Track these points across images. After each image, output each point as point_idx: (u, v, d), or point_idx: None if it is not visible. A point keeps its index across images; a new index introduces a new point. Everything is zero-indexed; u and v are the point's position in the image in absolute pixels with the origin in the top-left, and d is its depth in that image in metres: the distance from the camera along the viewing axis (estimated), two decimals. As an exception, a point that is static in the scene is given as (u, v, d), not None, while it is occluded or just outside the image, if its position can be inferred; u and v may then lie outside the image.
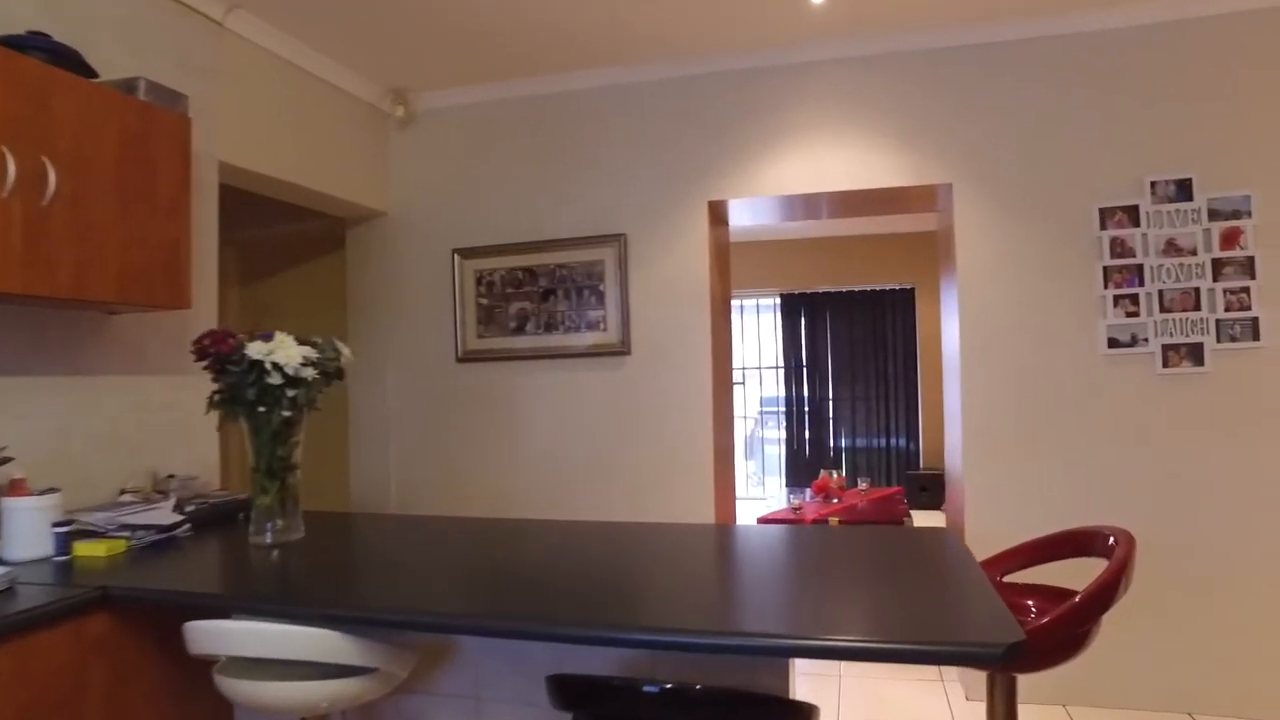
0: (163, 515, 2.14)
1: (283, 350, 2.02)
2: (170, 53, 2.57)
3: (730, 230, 4.14)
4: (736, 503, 4.14)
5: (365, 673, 1.57)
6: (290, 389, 2.06)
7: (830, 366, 8.37)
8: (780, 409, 8.61)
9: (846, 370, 8.31)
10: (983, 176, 3.17)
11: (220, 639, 1.48)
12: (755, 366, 8.82)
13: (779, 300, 8.43)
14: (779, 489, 8.46)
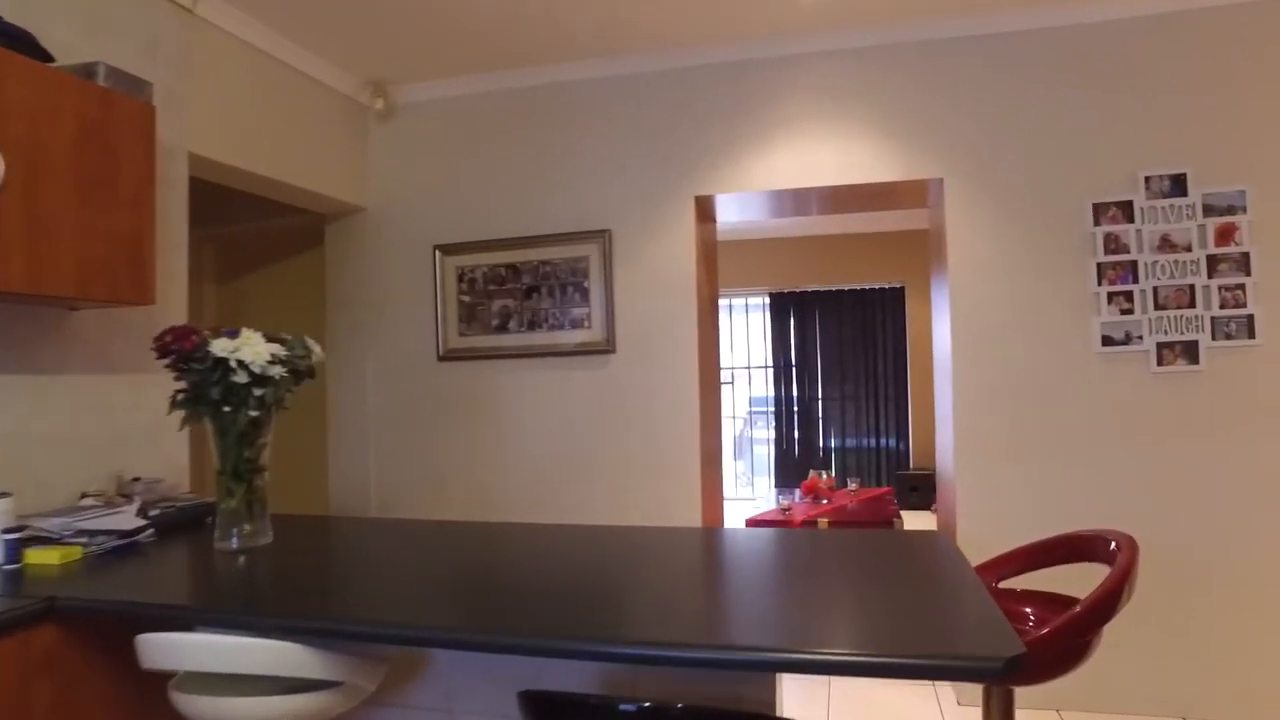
0: (124, 520, 2.05)
1: (249, 347, 1.94)
2: (136, 39, 2.47)
3: (719, 228, 4.07)
4: (724, 504, 4.08)
5: (330, 686, 1.48)
6: (257, 388, 1.97)
7: (820, 366, 8.32)
8: (769, 409, 8.55)
9: (836, 370, 8.26)
10: (974, 171, 3.11)
11: (174, 653, 1.40)
12: (744, 366, 8.76)
13: (768, 299, 8.37)
14: (768, 489, 8.41)
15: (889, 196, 3.46)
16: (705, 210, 3.54)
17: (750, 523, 5.01)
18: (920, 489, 7.42)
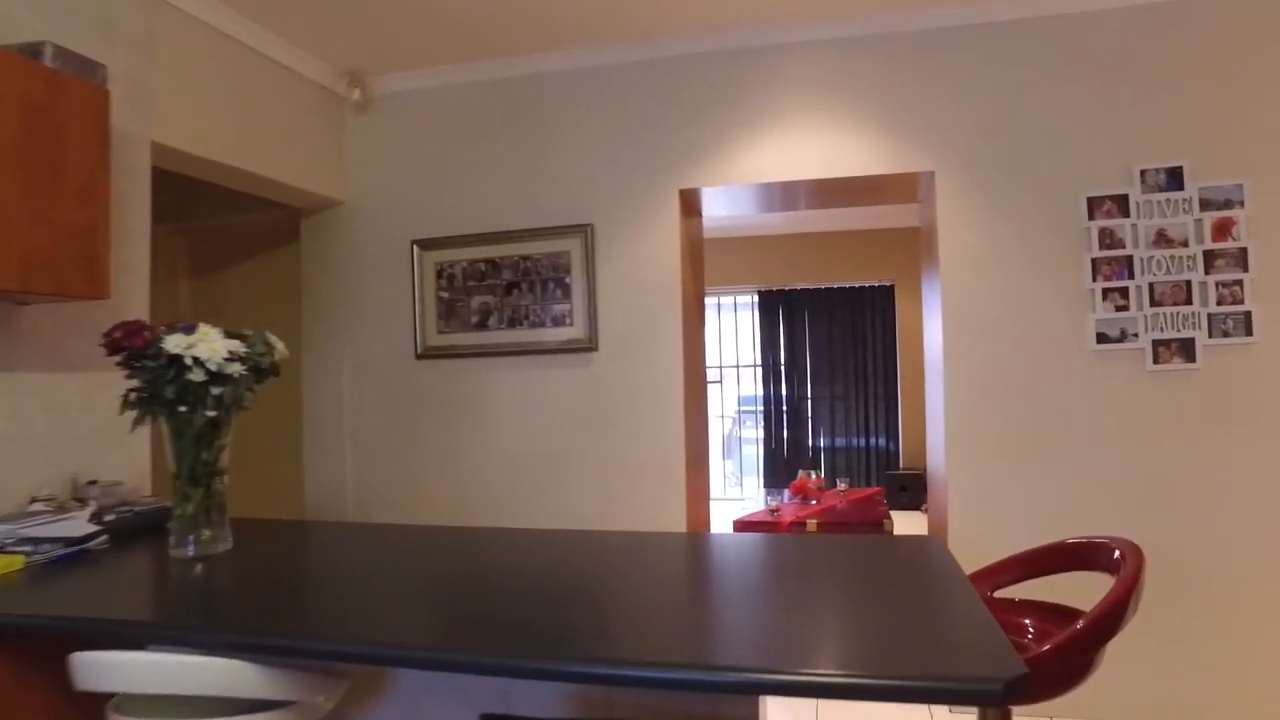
0: (75, 526, 1.94)
1: (205, 344, 1.83)
2: (92, 21, 2.35)
3: (706, 225, 3.98)
4: (711, 505, 3.99)
5: (283, 706, 1.38)
6: (215, 386, 1.86)
7: (809, 365, 8.25)
8: (758, 408, 8.48)
9: (825, 368, 8.19)
10: (966, 164, 3.03)
11: (109, 673, 1.29)
12: (733, 365, 8.68)
13: (757, 297, 8.29)
14: (757, 489, 8.33)
15: (879, 191, 3.38)
16: (690, 204, 3.45)
17: (738, 524, 4.92)
18: (910, 489, 7.36)
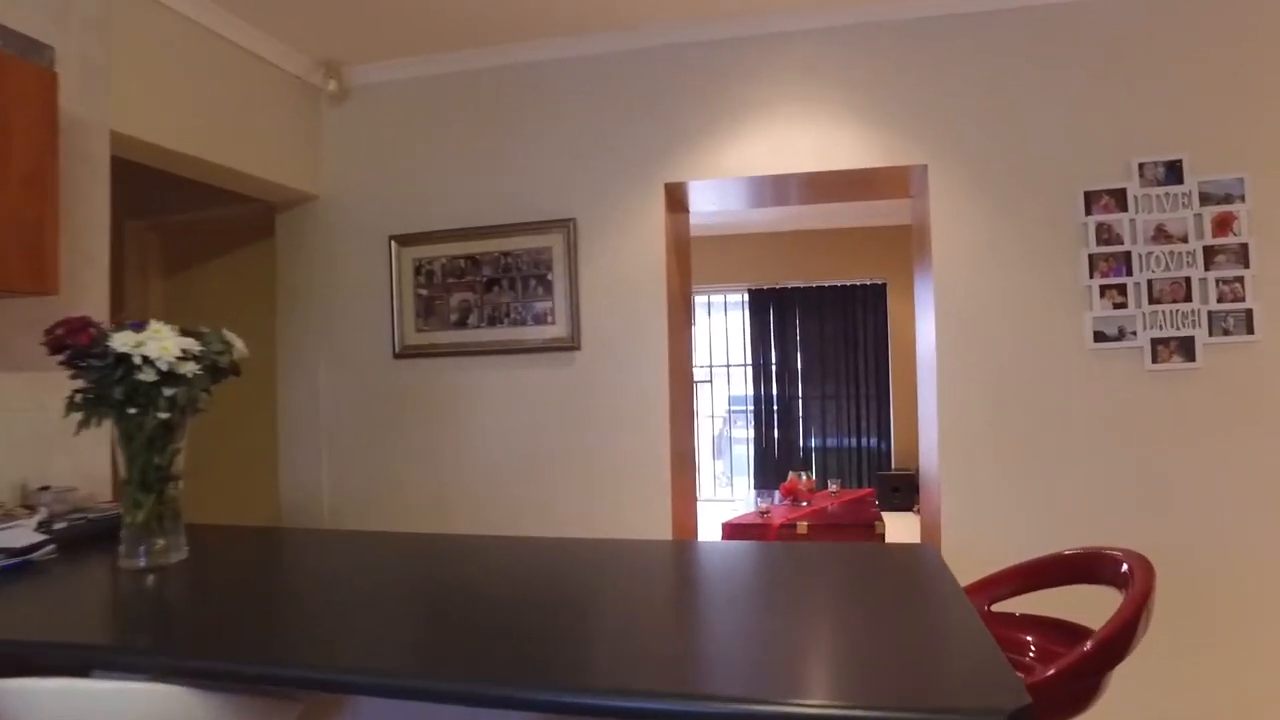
0: (17, 536, 1.82)
1: (155, 342, 1.72)
2: (45, 2, 2.23)
3: (696, 222, 3.89)
4: (699, 507, 3.89)
5: (227, 735, 1.28)
6: (167, 387, 1.76)
7: (800, 364, 8.17)
8: (749, 408, 8.39)
9: (816, 368, 8.11)
10: (960, 157, 2.94)
11: (23, 702, 1.18)
12: (723, 364, 8.59)
13: (747, 296, 8.20)
14: (747, 490, 8.24)
15: (871, 185, 3.29)
16: (676, 198, 3.35)
17: (727, 526, 4.83)
18: (902, 489, 7.29)
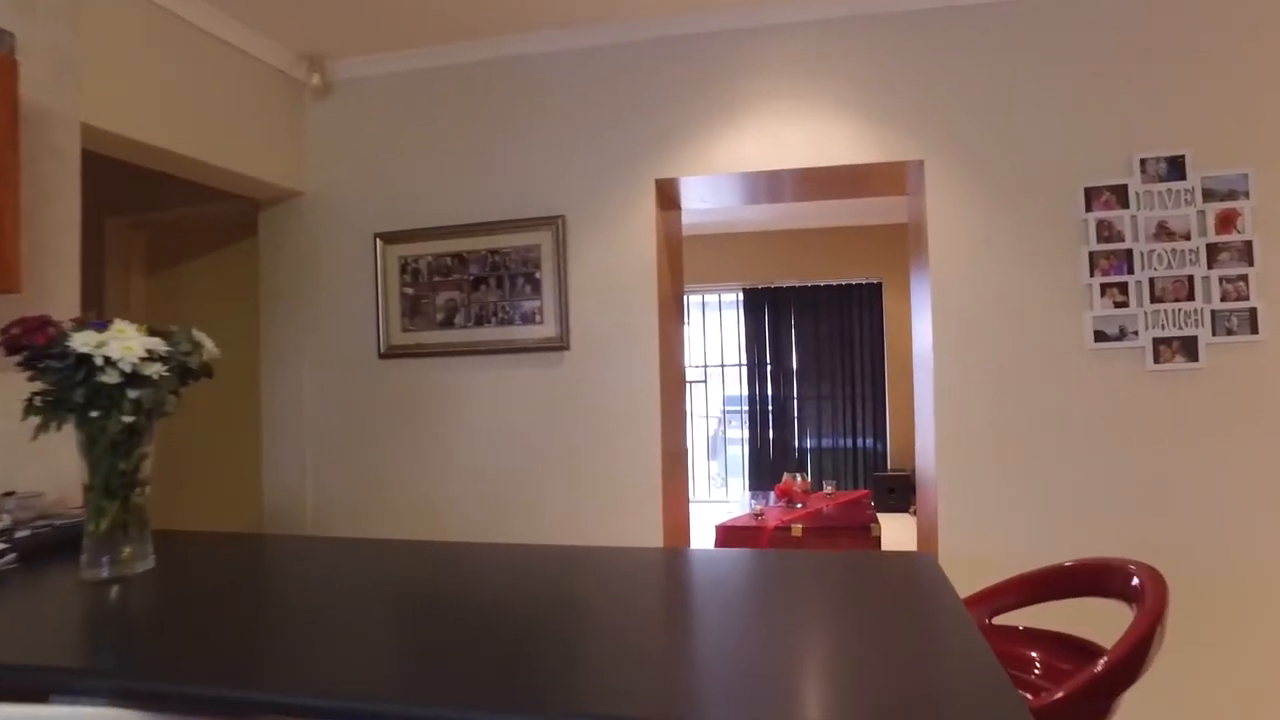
0: (-25, 545, 1.75)
1: (118, 341, 1.65)
2: (10, -10, 2.16)
3: (689, 221, 3.81)
4: (692, 509, 3.82)
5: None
6: (132, 389, 1.68)
7: (795, 364, 8.10)
8: (743, 408, 8.32)
9: (812, 368, 8.04)
10: (957, 152, 2.87)
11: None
12: (718, 364, 8.52)
13: (741, 295, 8.13)
14: (742, 490, 8.17)
15: (867, 181, 3.22)
16: (668, 195, 3.28)
17: (721, 529, 4.76)
18: (898, 490, 7.23)
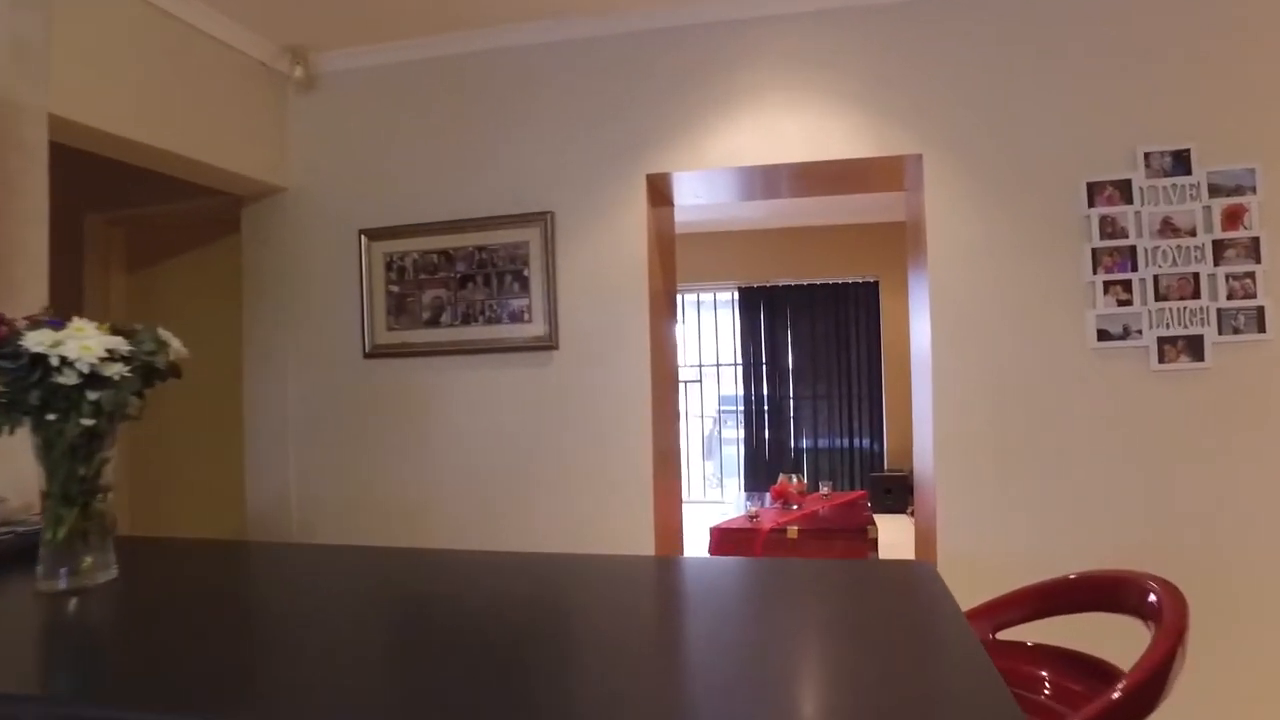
0: (-72, 555, 1.66)
1: (75, 341, 1.56)
2: (-28, -25, 2.07)
3: (685, 219, 3.74)
4: (685, 511, 3.74)
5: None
6: (91, 390, 1.60)
7: (791, 363, 8.03)
8: (739, 408, 8.24)
9: (808, 367, 7.97)
10: (956, 146, 2.79)
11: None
12: (713, 364, 8.44)
13: (737, 294, 8.06)
14: (738, 491, 8.10)
15: (864, 177, 3.14)
16: (659, 191, 3.20)
17: (715, 531, 4.69)
18: (895, 491, 7.16)
